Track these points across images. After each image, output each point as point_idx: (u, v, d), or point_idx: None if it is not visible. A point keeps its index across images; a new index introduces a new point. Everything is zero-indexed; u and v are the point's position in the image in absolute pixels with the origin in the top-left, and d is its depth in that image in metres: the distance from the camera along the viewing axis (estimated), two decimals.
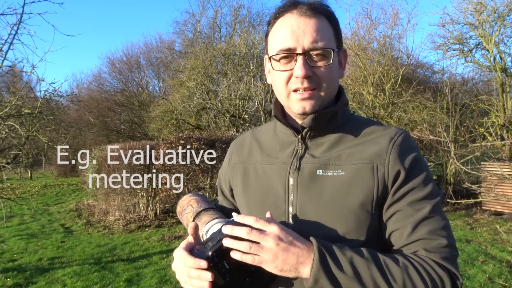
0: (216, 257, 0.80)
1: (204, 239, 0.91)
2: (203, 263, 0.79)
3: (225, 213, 1.04)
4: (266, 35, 0.97)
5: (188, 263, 0.81)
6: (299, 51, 0.87)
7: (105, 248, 5.96)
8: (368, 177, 0.86)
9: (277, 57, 0.90)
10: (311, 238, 0.81)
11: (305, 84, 0.88)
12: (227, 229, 0.80)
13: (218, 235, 0.81)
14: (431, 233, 0.82)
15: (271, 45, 0.93)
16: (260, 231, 0.79)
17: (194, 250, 0.84)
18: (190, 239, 0.88)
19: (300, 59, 0.87)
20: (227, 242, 0.79)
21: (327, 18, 0.91)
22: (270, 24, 0.94)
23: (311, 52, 0.88)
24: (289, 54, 0.89)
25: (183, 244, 0.87)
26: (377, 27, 10.38)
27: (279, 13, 0.92)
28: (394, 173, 0.86)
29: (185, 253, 0.83)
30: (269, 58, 0.93)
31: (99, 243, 6.34)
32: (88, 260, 5.36)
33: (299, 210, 0.89)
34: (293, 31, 0.88)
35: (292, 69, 0.89)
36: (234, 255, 0.79)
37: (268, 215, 0.85)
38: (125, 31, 52.45)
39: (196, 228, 0.90)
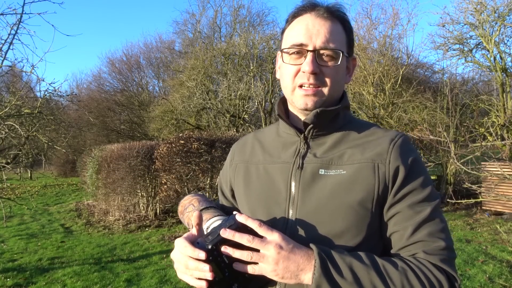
0: (216, 251, 0.80)
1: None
2: (202, 254, 0.79)
3: (226, 212, 1.04)
4: (282, 32, 1.02)
5: (187, 253, 0.81)
6: (310, 48, 0.91)
7: (105, 248, 5.96)
8: (369, 176, 0.88)
9: (289, 51, 0.94)
10: (311, 245, 0.82)
11: (311, 80, 0.91)
12: (229, 234, 0.80)
13: (219, 229, 0.82)
14: (431, 236, 0.84)
15: (285, 40, 0.97)
16: (262, 238, 0.80)
17: (196, 241, 0.84)
18: (193, 231, 0.88)
19: (309, 55, 0.90)
20: (227, 251, 0.80)
21: (342, 24, 0.96)
22: (288, 22, 0.99)
23: (321, 51, 0.91)
24: (300, 50, 0.92)
25: (185, 234, 0.87)
26: (377, 27, 10.39)
27: (297, 13, 0.97)
28: (395, 172, 0.87)
29: (186, 242, 0.83)
30: (281, 51, 0.97)
31: (99, 243, 6.34)
32: (88, 260, 5.36)
33: (300, 208, 0.90)
34: (308, 29, 0.92)
35: (301, 64, 0.92)
36: (236, 266, 0.80)
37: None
38: (125, 31, 52.52)
39: (200, 217, 0.90)
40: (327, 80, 0.92)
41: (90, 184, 10.27)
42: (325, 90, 0.93)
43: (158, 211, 8.04)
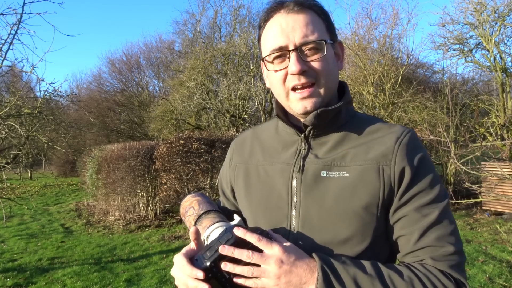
0: (215, 267, 0.78)
1: (205, 245, 0.89)
2: (200, 274, 0.77)
3: (227, 214, 1.02)
4: (259, 39, 0.96)
5: (186, 272, 0.80)
6: (291, 47, 0.85)
7: (105, 248, 5.96)
8: (373, 179, 0.84)
9: (270, 58, 0.89)
10: (313, 255, 0.79)
11: (302, 80, 0.86)
12: (228, 251, 0.78)
13: (217, 244, 0.80)
14: (438, 240, 0.81)
15: (264, 47, 0.92)
16: (262, 252, 0.78)
17: (194, 258, 0.82)
18: (192, 245, 0.87)
19: (293, 55, 0.85)
20: (228, 267, 0.78)
21: (316, 12, 0.90)
22: (261, 27, 0.93)
23: (303, 47, 0.86)
24: (281, 53, 0.87)
25: (184, 250, 0.86)
26: (377, 27, 10.36)
27: (267, 15, 0.91)
28: (400, 174, 0.83)
29: (184, 260, 0.82)
30: (262, 60, 0.92)
31: (99, 243, 6.34)
32: (88, 260, 5.36)
33: (303, 213, 0.88)
34: (283, 29, 0.86)
35: (286, 67, 0.87)
36: (237, 280, 0.78)
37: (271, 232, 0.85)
38: (125, 31, 52.58)
39: (197, 233, 0.88)
40: (319, 74, 0.86)
41: (90, 184, 10.26)
42: (320, 86, 0.88)
43: (158, 211, 8.04)
